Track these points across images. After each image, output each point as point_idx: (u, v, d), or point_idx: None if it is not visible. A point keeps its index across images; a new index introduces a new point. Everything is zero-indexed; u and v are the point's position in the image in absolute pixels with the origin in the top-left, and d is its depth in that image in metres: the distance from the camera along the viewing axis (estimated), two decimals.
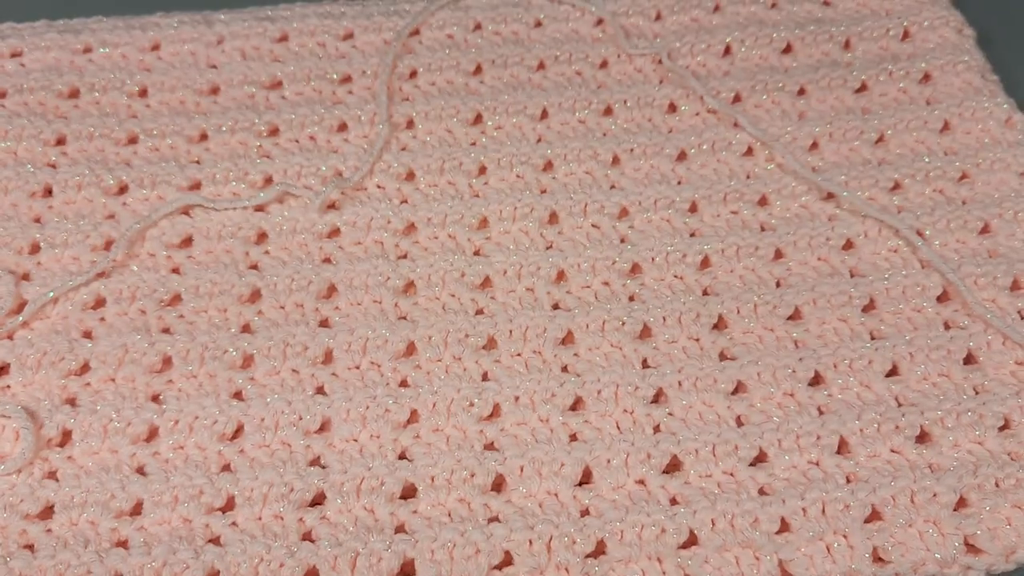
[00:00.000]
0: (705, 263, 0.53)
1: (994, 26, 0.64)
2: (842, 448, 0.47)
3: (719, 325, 0.51)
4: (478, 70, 0.61)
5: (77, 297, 0.51)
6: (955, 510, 0.44)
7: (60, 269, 0.52)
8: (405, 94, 0.60)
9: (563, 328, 0.50)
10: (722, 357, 0.50)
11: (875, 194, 0.55)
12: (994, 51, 0.62)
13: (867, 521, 0.44)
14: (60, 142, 0.57)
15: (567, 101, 0.59)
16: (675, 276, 0.52)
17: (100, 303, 0.51)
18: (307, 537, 0.44)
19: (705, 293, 0.52)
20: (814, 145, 0.58)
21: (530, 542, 0.43)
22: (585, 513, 0.45)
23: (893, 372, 0.49)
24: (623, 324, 0.50)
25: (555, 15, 0.63)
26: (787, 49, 0.62)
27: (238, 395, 0.48)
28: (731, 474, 0.46)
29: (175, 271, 0.52)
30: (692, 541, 0.44)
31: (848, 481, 0.45)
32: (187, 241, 0.53)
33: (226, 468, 0.46)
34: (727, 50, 0.62)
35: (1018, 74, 0.62)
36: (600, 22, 0.63)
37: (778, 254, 0.53)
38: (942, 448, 0.46)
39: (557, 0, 0.64)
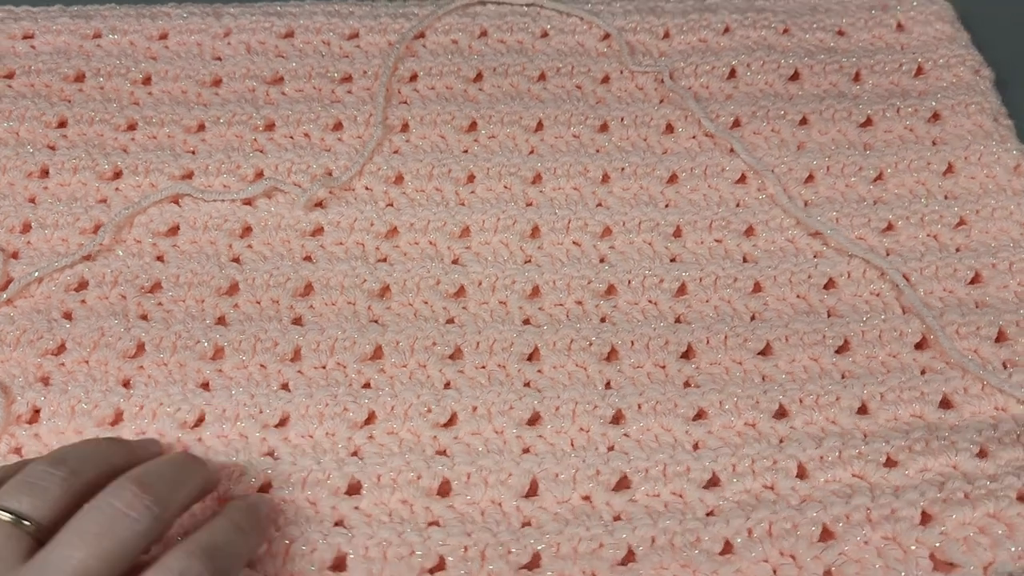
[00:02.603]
0: (682, 290, 0.53)
1: (1017, 69, 0.62)
2: (801, 474, 0.46)
3: (687, 354, 0.50)
4: (479, 77, 0.61)
5: (61, 278, 0.52)
6: (919, 525, 0.43)
7: (48, 249, 0.53)
8: (403, 97, 0.60)
9: (530, 344, 0.50)
10: (686, 385, 0.49)
11: (865, 234, 0.54)
12: (1014, 94, 0.61)
13: (821, 540, 0.43)
14: (62, 124, 0.58)
15: (563, 114, 0.59)
16: (649, 301, 0.52)
17: (83, 285, 0.52)
18: None
19: (678, 320, 0.52)
20: (810, 178, 0.57)
21: (465, 548, 0.43)
22: (526, 524, 0.45)
23: (863, 410, 0.48)
24: (591, 344, 0.50)
25: (562, 27, 0.63)
26: (794, 77, 0.61)
27: (205, 385, 0.49)
28: (680, 495, 0.45)
29: (159, 259, 0.53)
30: (632, 558, 0.44)
31: (802, 502, 0.45)
32: (174, 230, 0.54)
33: None
34: (732, 73, 0.61)
35: None
36: (607, 37, 0.62)
37: (757, 287, 0.53)
38: (908, 471, 0.45)
39: (565, 12, 0.63)
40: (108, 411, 0.48)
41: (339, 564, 0.44)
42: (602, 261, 0.54)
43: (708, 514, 0.45)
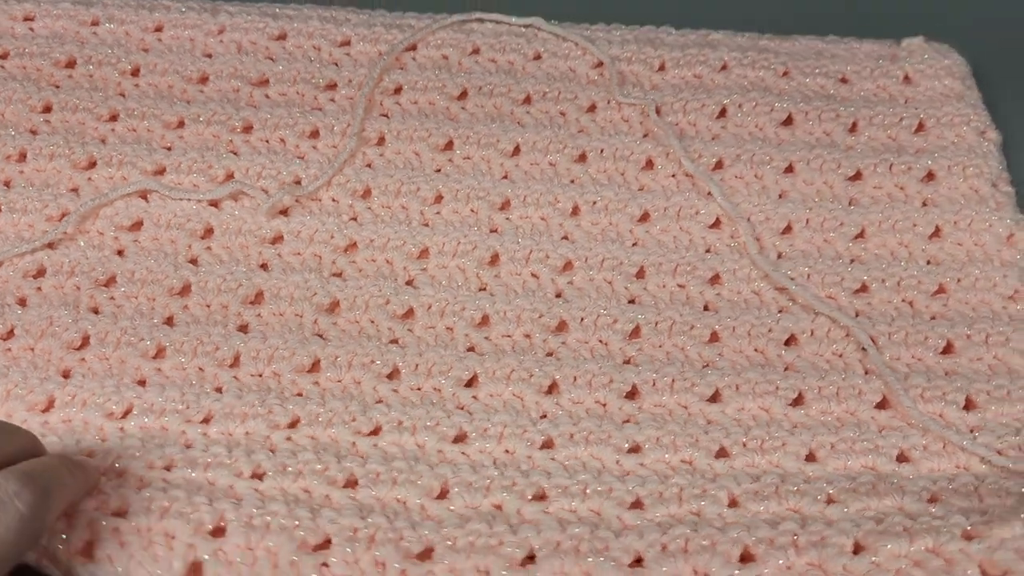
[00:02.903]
0: (636, 333, 0.51)
1: None
2: (732, 503, 0.44)
3: (631, 394, 0.49)
4: (463, 95, 0.60)
5: (21, 263, 0.53)
6: (850, 553, 0.41)
7: (14, 234, 0.54)
8: (385, 109, 0.59)
9: (470, 370, 0.49)
10: (626, 421, 0.48)
11: (836, 292, 0.52)
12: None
13: (740, 562, 0.42)
14: (46, 109, 0.59)
15: (542, 141, 0.58)
16: (600, 340, 0.51)
17: (41, 272, 0.53)
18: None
19: (626, 362, 0.50)
20: (787, 228, 0.55)
21: (355, 530, 0.43)
22: (427, 519, 0.44)
23: (811, 458, 0.46)
24: (531, 376, 0.49)
25: (556, 51, 0.62)
26: (787, 121, 0.58)
27: (141, 382, 0.49)
28: (596, 512, 0.44)
29: (119, 253, 0.54)
30: (531, 561, 0.42)
31: (726, 524, 0.43)
32: (137, 225, 0.55)
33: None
34: (723, 112, 0.59)
35: None
36: (600, 65, 0.61)
37: (714, 336, 0.51)
38: (848, 509, 0.43)
39: (562, 36, 0.62)
40: (41, 398, 0.48)
41: (218, 531, 0.43)
42: (558, 296, 0.52)
43: (623, 527, 0.43)
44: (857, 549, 0.41)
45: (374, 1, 0.65)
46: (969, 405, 0.48)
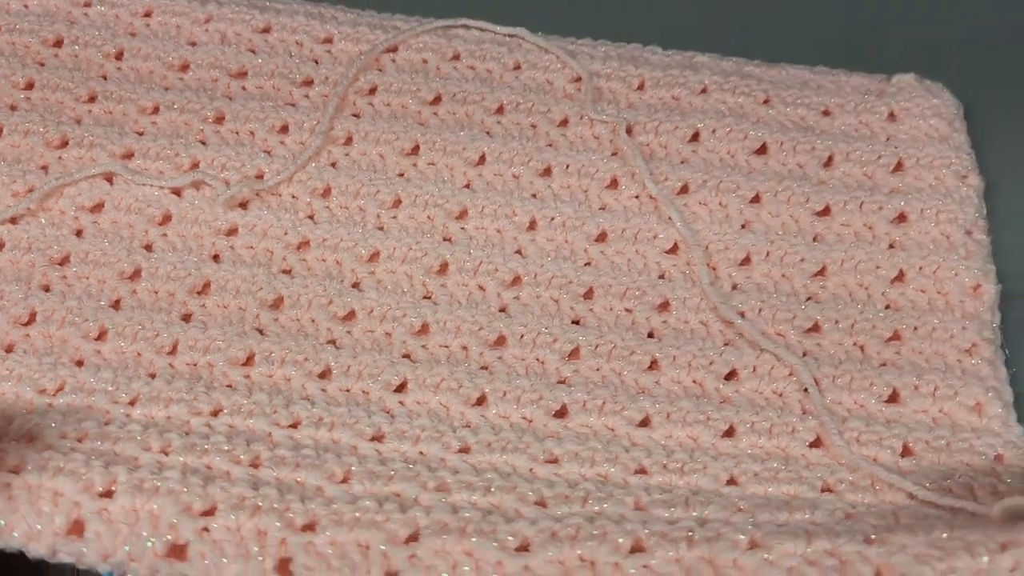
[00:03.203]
0: (575, 354, 0.50)
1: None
2: (637, 508, 0.43)
3: (560, 413, 0.48)
4: (437, 100, 0.60)
5: None
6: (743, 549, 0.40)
7: None
8: (357, 109, 0.59)
9: (400, 376, 0.49)
10: (549, 436, 0.47)
11: (787, 330, 0.51)
12: (1006, 207, 0.56)
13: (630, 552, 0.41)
14: (29, 87, 0.60)
15: (508, 152, 0.57)
16: (537, 359, 0.50)
17: (0, 246, 0.54)
18: None
19: (560, 382, 0.49)
20: (746, 260, 0.53)
21: (243, 499, 0.42)
22: (320, 496, 0.43)
23: (731, 482, 0.45)
24: (460, 387, 0.49)
25: (537, 62, 0.61)
26: (761, 150, 0.57)
27: (79, 362, 0.50)
28: (496, 505, 0.44)
29: (77, 233, 0.55)
30: (415, 538, 0.41)
31: (623, 518, 0.42)
32: (99, 206, 0.55)
33: None
34: (695, 136, 0.58)
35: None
36: (579, 79, 0.60)
37: (654, 364, 0.50)
38: (755, 518, 0.42)
39: (544, 48, 0.61)
40: None
41: (108, 494, 0.43)
42: (502, 310, 0.52)
43: (517, 516, 0.43)
44: (752, 546, 0.40)
45: (364, 1, 0.65)
46: (906, 452, 0.47)
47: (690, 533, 0.41)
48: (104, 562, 0.41)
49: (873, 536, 0.40)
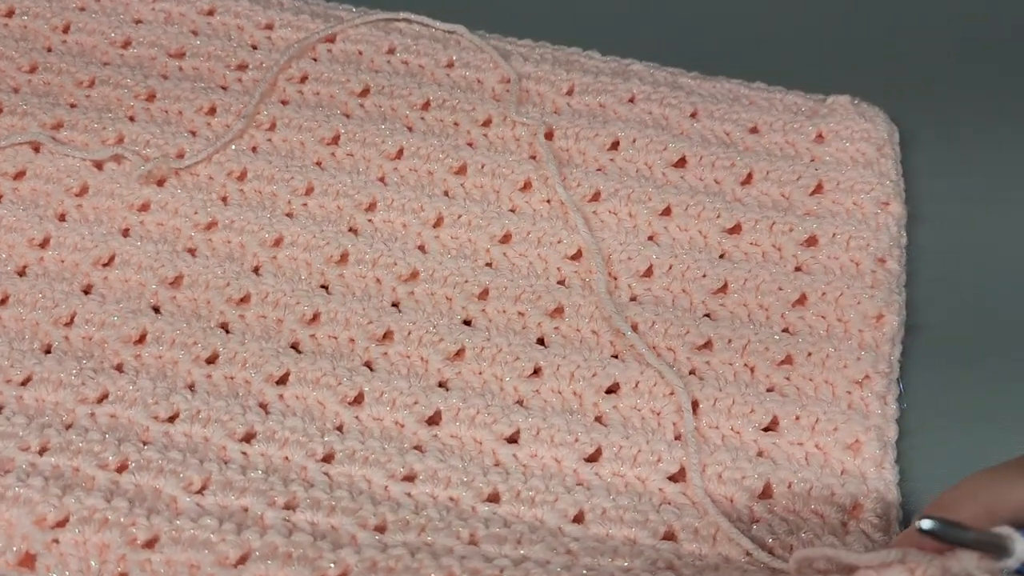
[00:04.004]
0: (459, 355, 0.50)
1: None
2: (471, 542, 0.43)
3: (432, 420, 0.48)
4: (365, 92, 0.60)
5: None
6: None
7: None
8: (286, 96, 0.60)
9: (284, 367, 0.49)
10: (415, 448, 0.47)
11: (677, 346, 0.50)
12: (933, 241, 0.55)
13: None
14: None
15: (426, 147, 0.57)
16: (421, 358, 0.50)
17: None
18: None
19: (440, 384, 0.49)
20: (648, 272, 0.53)
21: (93, 511, 0.43)
22: (170, 510, 0.44)
23: (578, 518, 0.45)
24: (339, 384, 0.49)
25: (470, 61, 0.61)
26: (680, 163, 0.56)
27: None
28: (336, 528, 0.43)
29: None
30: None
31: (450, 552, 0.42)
32: (21, 174, 0.57)
33: None
34: (615, 144, 0.57)
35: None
36: (509, 80, 0.60)
37: (536, 371, 0.50)
38: (578, 562, 0.42)
39: (479, 47, 0.61)
40: None
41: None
42: (394, 305, 0.52)
43: (351, 542, 0.43)
44: None
45: None
46: (765, 493, 0.45)
47: (501, 572, 0.40)
48: None
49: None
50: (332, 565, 0.40)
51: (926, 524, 0.32)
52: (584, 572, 0.40)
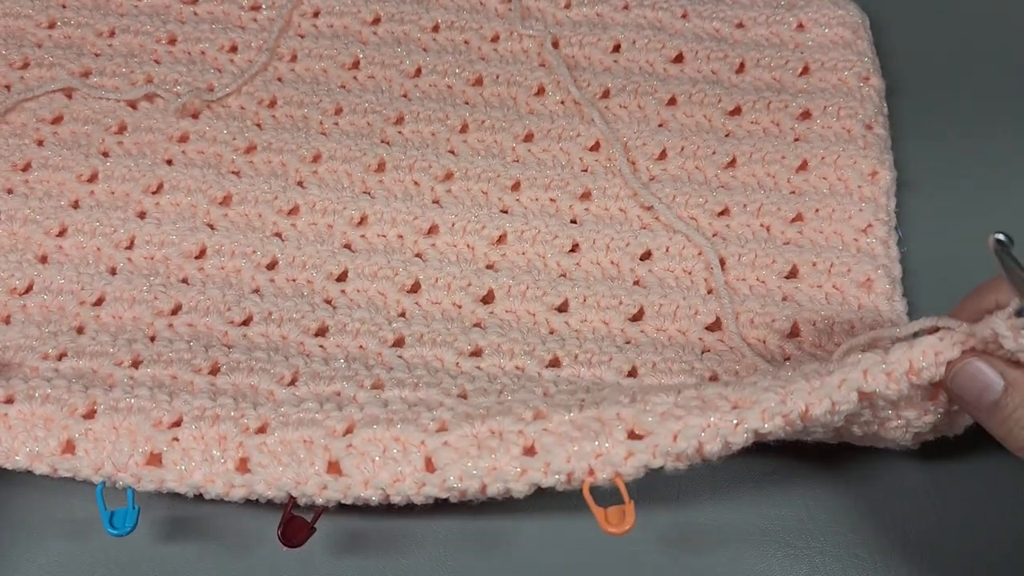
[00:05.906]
0: (502, 239, 0.54)
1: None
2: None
3: (486, 299, 0.52)
4: (376, 21, 0.64)
5: None
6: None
7: None
8: (302, 30, 0.63)
9: (342, 265, 0.53)
10: (475, 325, 0.51)
11: (699, 214, 0.55)
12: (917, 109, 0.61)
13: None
14: None
15: (443, 64, 0.61)
16: (467, 245, 0.54)
17: None
18: None
19: (489, 267, 0.53)
20: (662, 155, 0.58)
21: (203, 409, 0.45)
22: (271, 400, 0.47)
23: (631, 374, 0.49)
24: (396, 274, 0.53)
25: None
26: (678, 59, 0.61)
27: (43, 259, 0.54)
28: (423, 398, 0.46)
29: (39, 143, 0.58)
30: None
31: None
32: (58, 119, 0.59)
33: None
34: (617, 47, 0.62)
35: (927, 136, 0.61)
36: (509, 0, 0.64)
37: (575, 247, 0.54)
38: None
39: None
40: None
41: (91, 414, 0.46)
42: (435, 203, 0.56)
43: (439, 405, 0.45)
44: (632, 400, 0.42)
45: None
46: (793, 333, 0.51)
47: (582, 400, 0.45)
48: (96, 474, 0.44)
49: (731, 381, 0.44)
50: (431, 422, 0.44)
51: (1000, 236, 0.36)
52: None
